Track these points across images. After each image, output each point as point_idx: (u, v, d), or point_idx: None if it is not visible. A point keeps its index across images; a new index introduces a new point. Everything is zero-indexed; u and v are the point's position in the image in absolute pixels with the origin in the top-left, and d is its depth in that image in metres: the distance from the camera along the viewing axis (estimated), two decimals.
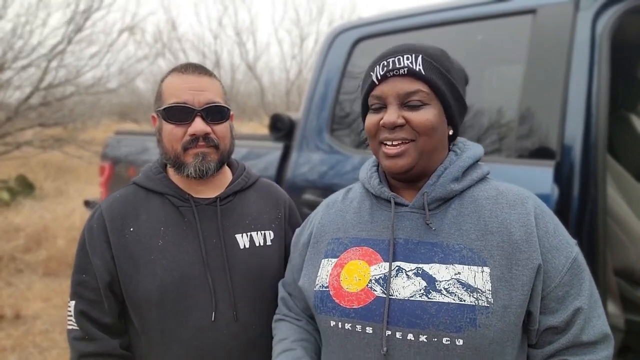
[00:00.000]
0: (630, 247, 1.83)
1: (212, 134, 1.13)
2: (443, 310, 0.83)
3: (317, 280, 0.98)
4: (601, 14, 1.53)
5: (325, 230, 1.05)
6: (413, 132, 0.90)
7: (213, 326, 1.11)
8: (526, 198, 0.93)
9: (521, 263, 0.86)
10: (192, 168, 1.12)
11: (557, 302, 0.87)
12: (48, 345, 3.44)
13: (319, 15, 13.23)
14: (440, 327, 0.82)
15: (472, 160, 0.97)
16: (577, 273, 0.89)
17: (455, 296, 0.83)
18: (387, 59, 0.92)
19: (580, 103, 1.49)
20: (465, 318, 0.81)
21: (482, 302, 0.82)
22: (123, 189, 1.21)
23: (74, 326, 1.11)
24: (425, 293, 0.85)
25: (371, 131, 0.95)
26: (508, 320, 0.83)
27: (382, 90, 0.92)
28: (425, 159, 0.92)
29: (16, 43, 6.76)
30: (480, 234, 0.89)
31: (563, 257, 0.88)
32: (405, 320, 0.84)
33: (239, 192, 1.24)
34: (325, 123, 2.16)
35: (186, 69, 1.15)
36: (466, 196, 0.94)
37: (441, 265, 0.87)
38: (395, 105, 0.91)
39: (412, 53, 0.91)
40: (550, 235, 0.89)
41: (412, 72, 0.90)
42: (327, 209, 1.10)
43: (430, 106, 0.91)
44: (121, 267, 1.10)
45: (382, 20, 2.13)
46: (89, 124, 9.64)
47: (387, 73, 0.91)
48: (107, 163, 3.43)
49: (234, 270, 1.15)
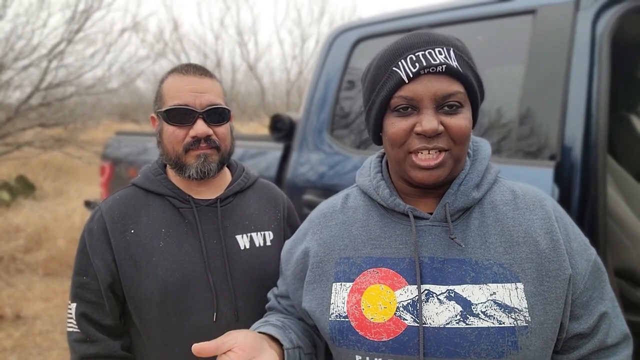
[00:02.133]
0: (630, 247, 1.82)
1: (213, 136, 1.13)
2: (484, 336, 0.76)
3: (332, 308, 0.86)
4: (601, 14, 1.53)
5: (330, 247, 0.92)
6: (450, 140, 0.79)
7: (214, 326, 1.11)
8: (544, 199, 0.87)
9: (552, 274, 0.80)
10: (193, 169, 1.12)
11: (582, 308, 0.83)
12: (48, 345, 3.44)
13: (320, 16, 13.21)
14: (482, 355, 0.75)
15: (487, 161, 0.89)
16: (598, 275, 0.85)
17: (494, 319, 0.76)
18: (416, 51, 0.78)
19: (580, 103, 1.49)
20: (507, 342, 0.75)
21: (521, 322, 0.76)
22: (122, 190, 1.21)
23: (74, 328, 1.11)
24: (462, 319, 0.77)
25: (399, 138, 0.81)
26: (545, 337, 0.78)
27: (415, 91, 0.78)
28: (456, 167, 0.83)
29: (17, 43, 6.77)
30: (507, 246, 0.82)
31: (584, 260, 0.84)
32: (443, 350, 0.76)
33: (238, 193, 1.24)
34: (326, 123, 2.16)
35: (187, 70, 1.14)
36: (485, 202, 0.86)
37: (474, 285, 0.79)
38: (431, 109, 0.78)
39: (443, 46, 0.78)
40: (570, 239, 0.84)
41: (451, 70, 0.77)
42: (324, 220, 0.96)
43: (465, 109, 0.81)
44: (122, 268, 1.10)
45: (382, 21, 2.14)
46: (89, 124, 9.65)
47: (420, 70, 0.77)
48: (107, 163, 3.44)
49: (235, 271, 1.15)
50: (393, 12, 2.16)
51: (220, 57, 11.23)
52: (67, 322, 1.14)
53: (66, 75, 7.48)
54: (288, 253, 1.02)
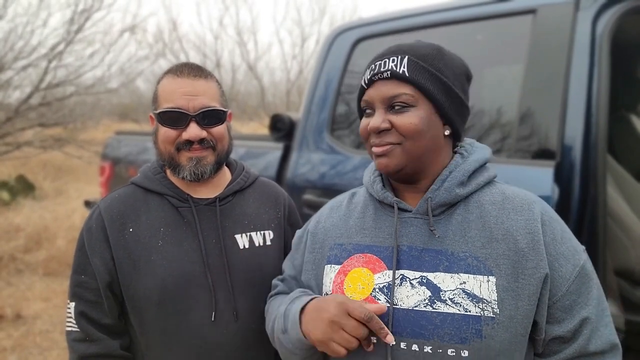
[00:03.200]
0: (630, 247, 1.82)
1: (208, 136, 1.13)
2: (448, 321, 0.81)
3: (323, 288, 0.98)
4: (601, 14, 1.53)
5: (329, 234, 1.03)
6: (399, 135, 0.89)
7: (213, 326, 1.11)
8: (533, 203, 0.90)
9: (528, 272, 0.84)
10: (187, 172, 1.12)
11: (564, 311, 0.85)
12: (48, 345, 3.44)
13: (320, 16, 13.23)
14: (445, 339, 0.81)
15: (479, 164, 0.94)
16: (585, 281, 0.86)
17: (460, 306, 0.82)
18: (375, 62, 0.92)
19: (580, 103, 1.49)
20: (471, 329, 0.80)
21: (488, 313, 0.81)
22: (121, 189, 1.21)
23: (73, 327, 1.11)
24: (430, 303, 0.84)
25: (364, 135, 0.95)
26: (514, 331, 0.82)
27: (370, 95, 0.92)
28: (415, 161, 0.90)
29: (16, 43, 6.76)
30: (486, 241, 0.87)
31: (570, 264, 0.86)
32: (409, 330, 0.83)
33: (238, 192, 1.24)
34: (325, 123, 2.16)
35: (181, 71, 1.13)
36: (471, 201, 0.92)
37: (446, 274, 0.85)
38: (381, 109, 0.90)
39: (398, 55, 0.90)
40: (557, 242, 0.87)
41: (395, 75, 0.88)
42: (330, 211, 1.08)
43: (416, 108, 0.89)
44: (121, 267, 1.10)
45: (382, 21, 2.13)
46: (89, 124, 9.64)
47: (373, 77, 0.91)
48: (107, 163, 3.44)
49: (234, 270, 1.15)
50: (393, 12, 2.16)
51: (219, 57, 11.23)
52: (66, 322, 1.13)
53: (66, 75, 7.47)
54: (298, 239, 1.13)
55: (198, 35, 21.45)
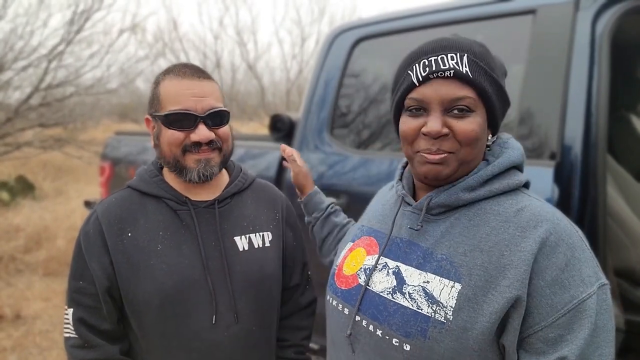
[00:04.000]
0: (630, 247, 1.83)
1: (215, 138, 1.12)
2: (399, 312, 0.84)
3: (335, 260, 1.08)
4: (601, 14, 1.53)
5: (363, 215, 1.13)
6: (456, 143, 0.82)
7: (214, 328, 1.10)
8: (542, 222, 0.80)
9: (499, 289, 0.76)
10: (195, 173, 1.11)
11: (546, 344, 0.75)
12: (48, 345, 3.44)
13: (320, 16, 13.24)
14: (393, 328, 0.83)
15: (501, 169, 0.87)
16: (580, 318, 0.74)
17: (414, 302, 0.83)
18: (429, 57, 0.82)
19: (580, 103, 1.49)
20: (417, 326, 0.80)
21: (439, 317, 0.79)
22: (118, 193, 1.19)
23: (72, 334, 1.09)
24: (392, 292, 0.87)
25: (408, 137, 0.86)
26: (465, 344, 0.77)
27: (424, 94, 0.82)
28: (463, 168, 0.86)
29: (16, 43, 6.77)
30: (469, 249, 0.82)
31: (567, 295, 0.75)
32: (370, 312, 0.88)
33: (236, 194, 1.23)
34: (325, 123, 2.16)
35: (184, 72, 1.11)
36: (475, 207, 0.86)
37: (415, 270, 0.86)
38: (438, 111, 0.82)
39: (457, 51, 0.81)
40: (556, 267, 0.76)
41: (459, 75, 0.80)
42: (376, 196, 1.16)
43: (476, 113, 0.82)
44: (120, 271, 1.09)
45: (382, 21, 2.14)
46: (89, 124, 9.65)
47: (429, 74, 0.81)
48: (107, 163, 3.44)
49: (234, 273, 1.14)
50: (394, 12, 2.16)
51: (219, 57, 11.23)
52: (64, 328, 1.11)
53: (66, 75, 7.48)
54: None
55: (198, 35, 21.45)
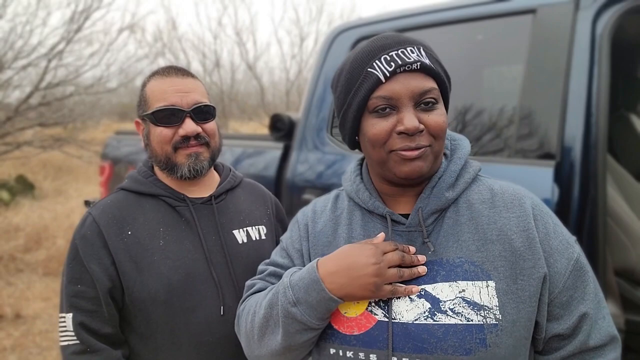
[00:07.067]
0: (630, 247, 1.82)
1: (202, 132, 1.16)
2: (450, 332, 0.77)
3: None
4: (601, 13, 1.53)
5: (316, 241, 0.95)
6: (430, 137, 0.81)
7: (222, 320, 1.13)
8: (523, 198, 0.86)
9: (526, 272, 0.79)
10: (185, 168, 1.14)
11: (562, 308, 0.81)
12: (48, 345, 3.44)
13: (318, 15, 13.21)
14: (449, 351, 0.76)
15: (464, 161, 0.89)
16: (580, 275, 0.83)
17: (462, 316, 0.77)
18: (389, 52, 0.80)
19: (580, 103, 1.49)
20: (475, 339, 0.76)
21: (491, 320, 0.77)
22: (111, 196, 1.21)
23: (71, 340, 1.06)
24: (430, 315, 0.79)
25: (381, 139, 0.81)
26: (518, 335, 0.78)
27: (393, 90, 0.79)
28: (436, 162, 0.84)
29: (16, 42, 6.76)
30: (480, 244, 0.82)
31: (565, 259, 0.82)
32: (411, 345, 0.78)
33: (229, 191, 1.28)
34: (325, 123, 2.16)
35: (169, 72, 1.17)
36: (460, 202, 0.86)
37: (444, 283, 0.80)
38: (410, 107, 0.79)
39: (413, 45, 0.81)
40: (550, 236, 0.83)
41: (425, 67, 0.79)
42: (314, 215, 0.99)
43: (440, 104, 0.82)
44: (123, 270, 1.09)
45: (382, 20, 2.13)
46: (88, 124, 9.65)
47: (397, 69, 0.78)
48: (107, 163, 3.43)
49: (236, 265, 1.18)
50: (394, 11, 2.16)
51: (219, 57, 11.21)
52: (61, 335, 1.07)
53: (65, 74, 7.48)
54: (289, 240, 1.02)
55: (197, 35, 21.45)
